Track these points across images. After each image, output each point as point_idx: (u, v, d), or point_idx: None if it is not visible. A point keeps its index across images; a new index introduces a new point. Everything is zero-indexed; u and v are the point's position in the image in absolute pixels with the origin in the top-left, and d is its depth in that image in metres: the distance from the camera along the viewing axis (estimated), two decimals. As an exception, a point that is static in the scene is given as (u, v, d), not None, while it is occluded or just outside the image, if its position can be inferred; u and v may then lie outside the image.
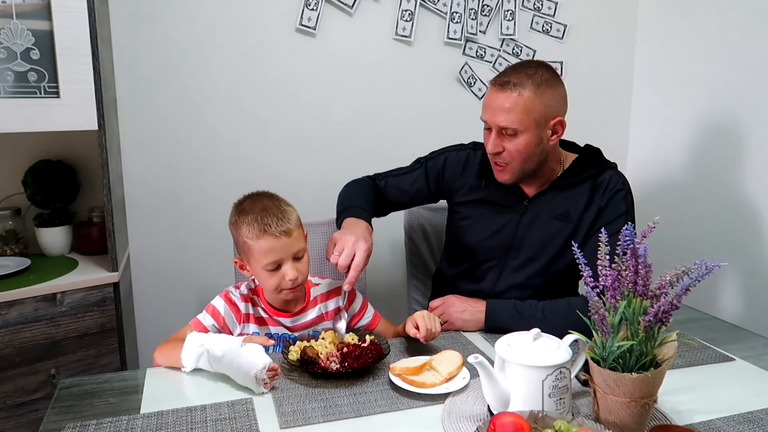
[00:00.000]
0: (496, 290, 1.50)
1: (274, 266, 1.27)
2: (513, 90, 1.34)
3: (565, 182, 1.46)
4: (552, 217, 1.46)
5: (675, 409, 1.07)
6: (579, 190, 1.45)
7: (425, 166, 1.60)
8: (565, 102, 1.42)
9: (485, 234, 1.51)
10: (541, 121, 1.36)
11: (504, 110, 1.35)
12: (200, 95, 2.01)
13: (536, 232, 1.46)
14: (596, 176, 1.45)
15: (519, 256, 1.49)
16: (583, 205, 1.44)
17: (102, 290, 1.63)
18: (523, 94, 1.33)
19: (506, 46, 2.25)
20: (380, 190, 1.61)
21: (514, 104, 1.34)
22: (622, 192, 1.43)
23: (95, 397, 1.11)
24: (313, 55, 2.08)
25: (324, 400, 1.10)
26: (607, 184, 1.44)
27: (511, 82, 1.35)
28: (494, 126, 1.38)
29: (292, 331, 1.37)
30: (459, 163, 1.57)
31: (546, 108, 1.36)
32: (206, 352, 1.16)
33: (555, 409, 0.98)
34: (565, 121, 1.41)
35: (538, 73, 1.36)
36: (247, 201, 1.33)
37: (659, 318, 0.93)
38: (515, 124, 1.35)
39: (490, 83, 1.40)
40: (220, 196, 2.04)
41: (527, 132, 1.36)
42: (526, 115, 1.34)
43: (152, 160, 2.01)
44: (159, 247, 2.05)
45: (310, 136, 2.14)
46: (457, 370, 1.17)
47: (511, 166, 1.41)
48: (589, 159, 1.50)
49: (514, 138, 1.37)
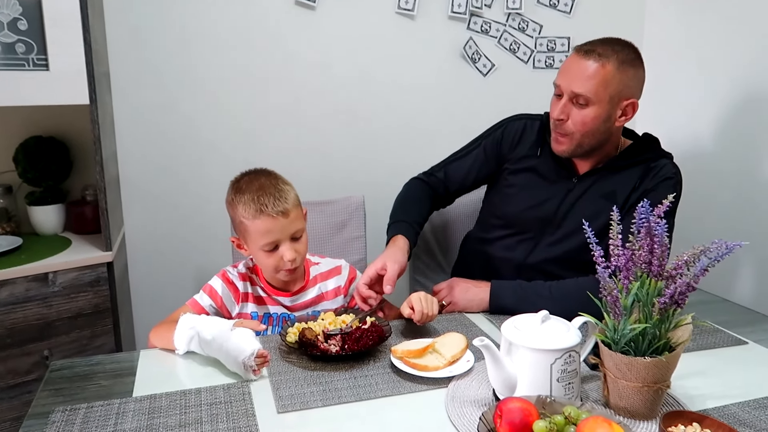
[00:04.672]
0: (528, 262, 1.48)
1: (271, 247, 1.24)
2: (597, 59, 1.32)
3: (618, 164, 1.44)
4: (599, 196, 1.43)
5: (687, 394, 1.03)
6: (630, 172, 1.43)
7: (483, 144, 1.60)
8: (642, 87, 1.40)
9: (528, 204, 1.49)
10: (615, 98, 1.34)
11: (583, 77, 1.33)
12: (197, 70, 1.96)
13: (580, 210, 1.44)
14: (650, 161, 1.43)
15: (558, 231, 1.46)
16: (631, 188, 1.42)
17: (96, 270, 1.61)
18: (606, 66, 1.32)
19: (512, 21, 2.19)
20: (435, 185, 1.61)
21: (595, 73, 1.32)
22: (672, 180, 1.40)
23: (87, 380, 1.08)
24: (313, 29, 2.03)
25: (323, 383, 1.06)
26: (659, 170, 1.41)
27: (596, 51, 1.33)
28: (567, 92, 1.36)
29: (292, 311, 1.35)
30: (517, 131, 1.56)
31: (623, 86, 1.34)
32: (197, 335, 1.13)
33: (564, 394, 0.95)
34: (638, 104, 1.39)
35: (624, 51, 1.34)
36: (244, 179, 1.30)
37: (675, 300, 0.88)
38: (590, 93, 1.33)
39: (574, 49, 1.39)
40: (217, 172, 2.00)
41: (599, 105, 1.34)
42: (603, 87, 1.32)
43: (147, 136, 1.96)
44: (155, 226, 2.02)
45: (309, 113, 2.09)
46: (461, 353, 1.14)
47: (572, 138, 1.39)
48: (646, 146, 1.47)
49: (584, 108, 1.35)
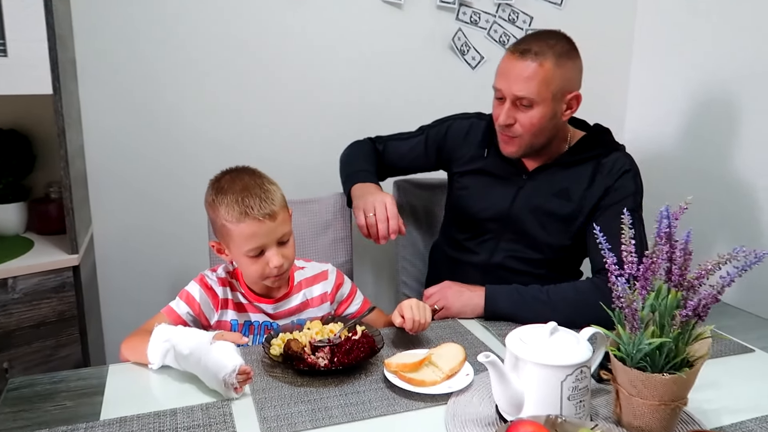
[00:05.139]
0: (493, 262, 1.47)
1: (256, 252, 1.15)
2: (534, 59, 1.29)
3: (567, 160, 1.42)
4: (551, 193, 1.42)
5: (700, 409, 0.98)
6: (581, 169, 1.41)
7: (427, 133, 1.60)
8: (581, 76, 1.38)
9: (481, 206, 1.48)
10: (558, 94, 1.32)
11: (522, 79, 1.29)
12: (172, 58, 1.85)
13: (533, 207, 1.43)
14: (601, 156, 1.41)
15: (516, 229, 1.45)
16: (586, 185, 1.40)
17: (60, 274, 1.49)
18: (544, 65, 1.29)
19: (502, 12, 2.12)
20: (379, 152, 1.61)
21: (534, 74, 1.29)
22: (630, 173, 1.39)
23: (48, 400, 0.98)
24: (296, 19, 1.94)
25: (311, 401, 0.98)
26: (612, 166, 1.39)
27: (532, 50, 1.29)
28: (509, 95, 1.33)
29: (274, 319, 1.27)
30: (462, 131, 1.54)
31: (565, 81, 1.32)
32: (173, 348, 1.03)
33: (574, 412, 0.88)
34: (581, 96, 1.36)
35: (559, 44, 1.32)
36: (225, 178, 1.21)
37: (697, 312, 0.82)
38: (533, 95, 1.30)
39: (508, 50, 1.35)
40: (194, 169, 1.90)
41: (543, 104, 1.31)
42: (545, 87, 1.29)
43: (117, 129, 1.84)
44: (126, 226, 1.90)
45: (292, 107, 2.00)
46: (459, 366, 1.07)
47: (521, 140, 1.37)
48: (596, 139, 1.45)
49: (529, 110, 1.32)
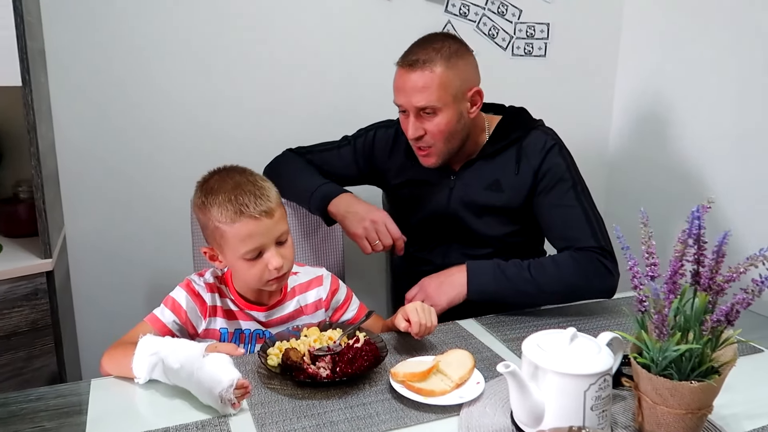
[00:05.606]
0: (448, 264, 1.42)
1: (254, 254, 1.08)
2: (424, 68, 1.29)
3: (490, 151, 1.43)
4: (482, 187, 1.43)
5: (720, 414, 0.94)
6: (505, 157, 1.42)
7: (353, 143, 1.57)
8: (478, 70, 1.38)
9: (419, 214, 1.49)
10: (459, 94, 1.32)
11: (418, 90, 1.30)
12: (151, 49, 1.77)
13: (467, 203, 1.44)
14: (521, 139, 1.42)
15: (457, 228, 1.46)
16: (513, 172, 1.41)
17: (32, 280, 1.41)
18: (435, 70, 1.29)
19: (491, 4, 2.09)
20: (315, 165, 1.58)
21: (429, 82, 1.29)
22: (555, 148, 1.39)
23: (25, 421, 0.90)
24: (279, 10, 1.87)
25: (315, 416, 0.92)
26: (534, 147, 1.40)
27: (419, 60, 1.29)
28: (411, 108, 1.33)
29: (266, 327, 1.20)
30: (387, 142, 1.54)
31: (461, 80, 1.32)
32: (161, 362, 0.95)
33: (597, 423, 0.84)
34: (482, 90, 1.37)
35: (445, 46, 1.31)
36: (214, 178, 1.14)
37: (729, 317, 0.78)
38: (433, 102, 1.30)
39: (397, 65, 1.34)
40: (174, 167, 1.82)
41: (447, 109, 1.32)
42: (443, 91, 1.30)
43: (92, 124, 1.76)
44: (101, 228, 1.82)
45: (278, 101, 1.94)
46: (468, 374, 1.02)
47: (436, 149, 1.37)
48: (512, 121, 1.46)
49: (434, 117, 1.33)
